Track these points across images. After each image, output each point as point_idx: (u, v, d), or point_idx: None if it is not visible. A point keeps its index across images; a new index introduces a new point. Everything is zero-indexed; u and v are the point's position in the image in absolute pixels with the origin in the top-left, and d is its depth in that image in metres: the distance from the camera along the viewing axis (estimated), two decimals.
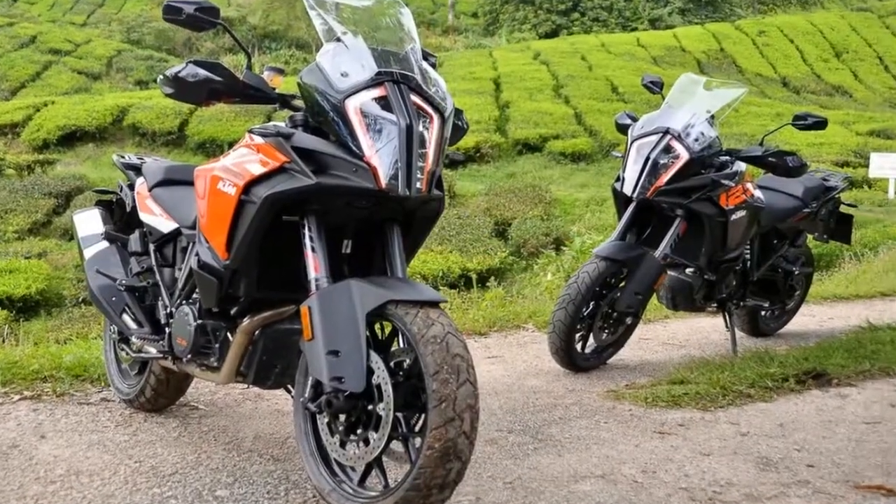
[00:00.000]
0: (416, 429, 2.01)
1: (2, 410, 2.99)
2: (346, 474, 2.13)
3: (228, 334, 2.41)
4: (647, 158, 3.87)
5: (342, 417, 2.07)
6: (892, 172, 15.12)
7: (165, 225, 2.77)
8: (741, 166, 4.09)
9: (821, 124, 4.20)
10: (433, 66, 2.31)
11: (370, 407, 2.00)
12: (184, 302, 2.58)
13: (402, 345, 2.06)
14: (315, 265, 2.14)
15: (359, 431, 2.04)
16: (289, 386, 2.45)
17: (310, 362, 2.06)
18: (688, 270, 4.06)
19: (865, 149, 17.49)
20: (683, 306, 4.24)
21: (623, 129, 4.20)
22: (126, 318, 2.88)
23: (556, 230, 12.78)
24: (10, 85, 24.92)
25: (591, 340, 4.00)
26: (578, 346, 3.94)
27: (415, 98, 2.10)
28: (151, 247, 2.87)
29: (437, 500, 1.94)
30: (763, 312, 4.87)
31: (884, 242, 10.39)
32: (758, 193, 4.27)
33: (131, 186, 3.06)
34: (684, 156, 3.86)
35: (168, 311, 2.69)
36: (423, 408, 1.95)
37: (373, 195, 2.09)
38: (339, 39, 2.18)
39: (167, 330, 2.64)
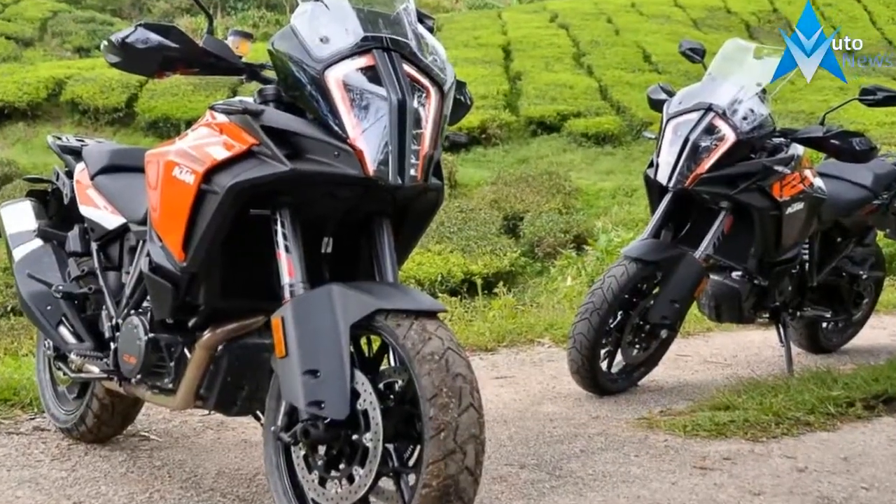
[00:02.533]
0: (410, 463, 2.02)
1: None
2: None
3: (186, 350, 2.41)
4: (686, 140, 3.87)
5: (322, 450, 2.07)
6: None
7: (110, 220, 2.78)
8: (798, 150, 4.10)
9: (893, 100, 4.21)
10: (430, 30, 2.31)
11: (355, 437, 2.00)
12: (132, 312, 2.59)
13: (393, 363, 2.07)
14: (289, 268, 2.15)
15: (341, 467, 2.05)
16: (258, 412, 2.45)
17: (283, 384, 2.06)
18: (734, 274, 4.06)
19: None
20: (729, 317, 4.24)
21: (657, 105, 4.21)
22: (63, 330, 2.88)
23: (578, 226, 12.77)
24: None
25: (618, 358, 4.01)
26: (604, 365, 3.94)
27: (408, 68, 2.10)
28: (94, 246, 2.88)
29: None
30: (824, 324, 4.87)
31: None
32: (818, 182, 4.27)
33: (70, 174, 3.07)
34: (730, 137, 3.86)
35: (113, 322, 2.69)
36: (419, 438, 1.95)
37: (358, 184, 2.10)
38: None
39: (112, 345, 2.65)
